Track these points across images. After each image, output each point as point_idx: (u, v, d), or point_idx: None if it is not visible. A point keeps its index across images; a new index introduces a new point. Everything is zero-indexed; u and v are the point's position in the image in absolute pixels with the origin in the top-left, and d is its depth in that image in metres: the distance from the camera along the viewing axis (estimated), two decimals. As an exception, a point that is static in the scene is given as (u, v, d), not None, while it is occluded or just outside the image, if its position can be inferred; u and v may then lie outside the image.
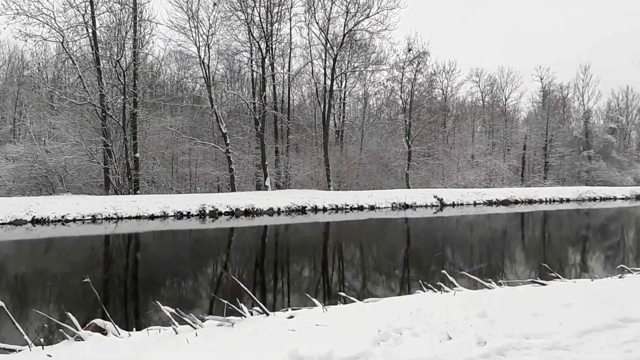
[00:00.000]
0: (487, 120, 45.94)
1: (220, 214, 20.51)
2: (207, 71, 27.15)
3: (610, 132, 46.02)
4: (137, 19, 24.55)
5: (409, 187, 32.83)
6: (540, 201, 30.06)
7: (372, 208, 24.16)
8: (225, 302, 4.98)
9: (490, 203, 28.22)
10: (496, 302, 5.37)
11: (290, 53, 32.61)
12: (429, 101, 38.74)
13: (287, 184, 30.72)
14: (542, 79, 47.10)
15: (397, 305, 5.26)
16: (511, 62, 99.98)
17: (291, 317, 4.93)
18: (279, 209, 22.03)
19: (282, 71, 32.72)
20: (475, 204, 27.60)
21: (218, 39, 27.89)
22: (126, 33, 24.64)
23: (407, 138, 34.80)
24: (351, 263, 11.95)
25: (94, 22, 23.31)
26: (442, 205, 26.56)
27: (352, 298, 5.79)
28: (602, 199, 32.24)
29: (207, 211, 20.30)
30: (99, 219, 17.79)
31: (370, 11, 28.92)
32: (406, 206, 25.29)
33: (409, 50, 34.93)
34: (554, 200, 30.61)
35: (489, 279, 6.58)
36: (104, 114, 23.73)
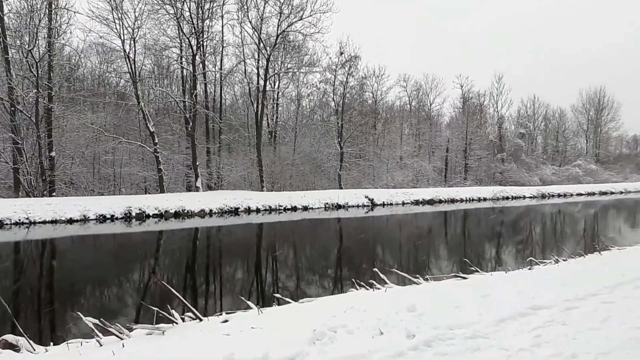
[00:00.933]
0: (414, 123, 48.30)
1: (148, 216, 19.53)
2: (132, 66, 25.70)
3: (520, 137, 50.52)
4: (52, 6, 22.60)
5: (341, 188, 33.55)
6: (461, 200, 32.18)
7: (305, 209, 24.36)
8: (155, 309, 4.77)
9: (417, 202, 29.69)
10: (424, 297, 5.69)
11: (222, 51, 31.88)
12: (360, 104, 39.88)
13: (220, 185, 30.00)
14: (462, 86, 50.52)
15: (332, 304, 5.38)
16: (435, 69, 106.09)
17: (225, 321, 4.85)
18: (210, 210, 21.45)
19: (213, 69, 31.88)
20: (403, 203, 28.88)
21: (145, 33, 26.53)
22: (39, 21, 22.60)
23: (339, 139, 35.53)
24: (285, 264, 11.98)
25: (0, 6, 21.09)
26: (373, 205, 27.48)
27: (287, 299, 5.82)
28: (513, 198, 35.25)
29: (134, 214, 19.22)
30: (7, 224, 16.13)
31: (303, 13, 29.16)
32: (339, 206, 25.82)
33: (341, 53, 35.71)
34: (473, 199, 32.92)
35: (417, 275, 6.95)
36: (12, 109, 21.55)
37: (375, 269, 6.66)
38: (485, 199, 33.62)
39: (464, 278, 6.81)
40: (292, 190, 30.12)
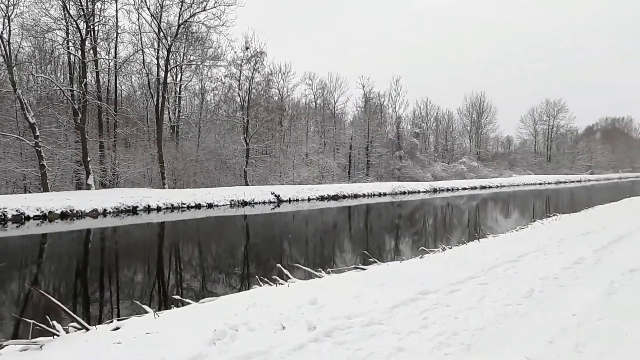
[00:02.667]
0: (319, 121, 49.47)
1: (28, 218, 17.39)
2: (7, 48, 22.57)
3: (415, 136, 54.51)
4: None
5: (247, 185, 33.15)
6: (364, 195, 33.79)
7: (210, 206, 23.64)
8: (31, 321, 4.29)
9: (322, 198, 30.49)
10: (325, 289, 5.90)
11: (116, 38, 29.46)
12: (267, 100, 39.71)
13: (115, 183, 27.74)
14: (364, 87, 52.95)
15: (234, 303, 5.32)
16: (340, 69, 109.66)
17: (117, 328, 4.53)
18: (105, 210, 19.77)
19: (107, 57, 29.33)
20: (309, 199, 29.46)
21: (22, 11, 23.48)
22: None
23: (245, 135, 35.02)
24: (189, 264, 11.52)
25: None
26: (280, 201, 27.61)
27: (188, 300, 5.62)
28: (409, 192, 37.96)
29: (9, 215, 16.97)
30: None
31: (206, 4, 28.08)
32: (245, 203, 25.49)
33: (247, 48, 35.18)
34: (374, 194, 34.77)
35: (320, 269, 7.16)
36: None
37: (279, 265, 6.72)
38: (385, 194, 35.67)
39: (363, 269, 7.19)
40: (196, 188, 29.01)
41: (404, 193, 37.43)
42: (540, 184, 55.74)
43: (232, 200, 25.08)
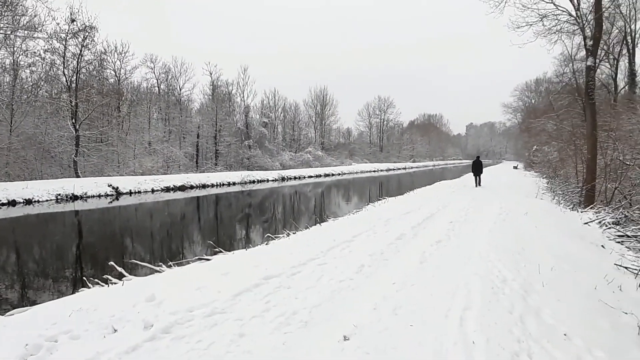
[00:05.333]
0: (163, 107, 46.25)
1: None
2: None
3: (264, 126, 55.27)
4: None
5: (78, 176, 29.14)
6: (213, 185, 32.98)
7: (29, 202, 20.15)
8: None
9: (168, 189, 28.73)
10: (165, 284, 5.61)
11: None
12: (100, 82, 35.40)
13: None
14: (211, 74, 51.31)
15: (53, 311, 4.66)
16: (185, 54, 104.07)
17: None
18: None
19: None
20: (153, 190, 27.46)
21: None
22: None
23: (73, 121, 30.62)
24: (4, 273, 9.65)
25: None
26: (119, 194, 25.09)
27: (-8, 315, 4.72)
28: (259, 181, 38.46)
29: None
30: None
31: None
32: (75, 197, 22.44)
33: (72, 20, 30.59)
34: (224, 184, 34.23)
35: (160, 263, 6.77)
36: None
37: (112, 263, 6.13)
38: (234, 183, 35.41)
39: (208, 260, 7.05)
40: (10, 181, 24.35)
41: (254, 182, 37.74)
42: (374, 171, 62.28)
43: (59, 195, 21.81)
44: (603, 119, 16.00)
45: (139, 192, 26.55)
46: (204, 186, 32.01)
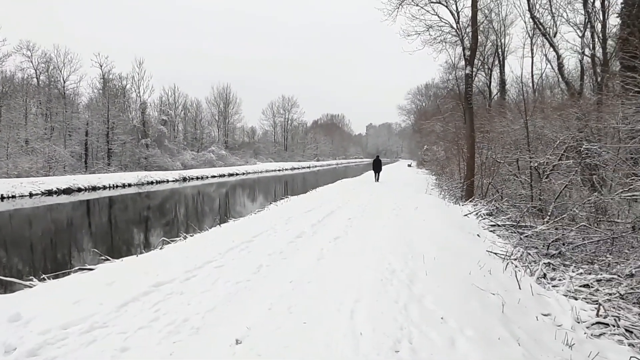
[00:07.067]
0: (43, 101, 41.26)
1: None
2: None
3: (163, 124, 52.20)
4: None
5: None
6: (105, 187, 30.32)
7: None
8: None
9: (50, 193, 25.74)
10: (36, 300, 4.99)
11: None
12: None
13: None
14: (101, 66, 47.13)
15: None
16: (69, 43, 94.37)
17: None
18: None
19: None
20: (31, 195, 24.40)
21: None
22: None
23: None
24: None
25: None
26: (-15, 200, 21.83)
27: None
28: (158, 182, 36.26)
29: None
30: None
31: None
32: None
33: None
34: (118, 186, 31.67)
35: (32, 277, 6.01)
36: None
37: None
38: (130, 185, 32.96)
39: (91, 269, 6.44)
40: None
41: (152, 183, 35.49)
42: (279, 170, 62.47)
43: None
44: (480, 121, 17.92)
45: (14, 196, 23.41)
46: (94, 188, 29.28)
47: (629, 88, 10.20)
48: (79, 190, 28.02)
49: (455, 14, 16.46)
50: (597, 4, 16.96)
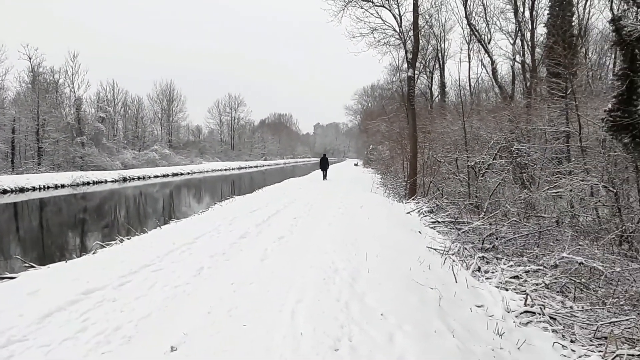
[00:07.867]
0: (-39, 95, 37.60)
1: None
2: None
3: (100, 121, 49.32)
4: None
5: None
6: (34, 189, 28.16)
7: None
8: None
9: (-32, 196, 23.52)
10: (-56, 315, 4.49)
11: None
12: None
13: None
14: (30, 59, 43.69)
15: None
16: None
17: None
18: None
19: None
20: (-55, 198, 22.16)
21: None
22: None
23: None
24: None
25: None
26: None
27: None
28: (95, 183, 34.24)
29: None
30: None
31: None
32: None
33: None
34: (49, 187, 29.54)
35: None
36: None
37: None
38: (63, 186, 30.86)
39: (12, 278, 5.92)
40: None
41: (89, 184, 33.46)
42: (226, 170, 61.21)
43: None
44: (422, 122, 18.57)
45: None
46: (22, 190, 27.11)
47: (554, 93, 11.02)
48: (5, 192, 25.83)
49: (398, 18, 16.93)
50: (527, 13, 18.16)
